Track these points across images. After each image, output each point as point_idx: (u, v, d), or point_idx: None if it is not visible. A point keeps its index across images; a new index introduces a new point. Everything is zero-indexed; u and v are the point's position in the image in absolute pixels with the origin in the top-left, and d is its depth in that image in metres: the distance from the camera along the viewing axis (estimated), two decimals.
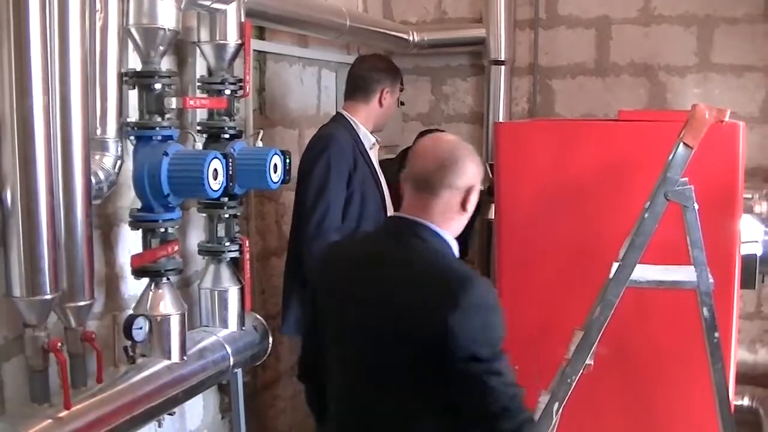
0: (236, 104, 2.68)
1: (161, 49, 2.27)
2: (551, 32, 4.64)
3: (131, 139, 2.27)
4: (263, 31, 3.32)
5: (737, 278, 2.86)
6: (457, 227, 1.90)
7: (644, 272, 2.56)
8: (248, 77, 2.66)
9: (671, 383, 2.90)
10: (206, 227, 2.71)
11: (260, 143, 2.69)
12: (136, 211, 2.30)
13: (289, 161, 2.61)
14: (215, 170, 2.25)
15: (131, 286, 2.42)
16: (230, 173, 2.32)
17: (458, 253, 1.90)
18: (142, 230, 2.31)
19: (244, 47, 2.63)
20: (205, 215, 2.68)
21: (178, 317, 2.33)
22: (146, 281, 2.32)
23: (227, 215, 2.63)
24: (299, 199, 2.95)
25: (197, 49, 2.64)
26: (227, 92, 2.61)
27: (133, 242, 2.38)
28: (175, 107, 2.30)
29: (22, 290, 1.80)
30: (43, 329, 1.87)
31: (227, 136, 2.60)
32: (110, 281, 2.40)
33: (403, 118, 4.77)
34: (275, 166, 2.54)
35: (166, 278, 2.32)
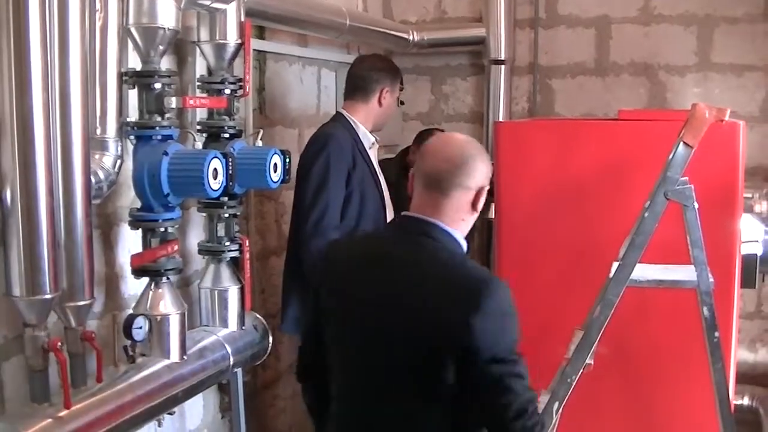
0: (236, 104, 2.68)
1: (161, 48, 2.27)
2: (551, 32, 4.64)
3: (131, 138, 2.27)
4: (263, 30, 3.32)
5: (737, 278, 2.86)
6: (466, 227, 1.89)
7: (644, 271, 2.56)
8: (248, 77, 2.65)
9: (671, 383, 2.90)
10: (206, 227, 2.71)
11: (260, 143, 2.68)
12: (135, 210, 2.30)
13: (288, 161, 2.61)
14: (215, 170, 2.25)
15: (131, 285, 2.42)
16: (230, 173, 2.32)
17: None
18: (141, 230, 2.31)
19: (243, 47, 2.63)
20: (204, 215, 2.68)
21: (177, 317, 2.33)
22: (146, 281, 2.32)
23: (227, 215, 2.63)
24: (298, 197, 2.95)
25: (197, 48, 2.64)
26: (227, 92, 2.61)
27: (132, 242, 2.38)
28: (174, 107, 2.29)
29: (21, 290, 1.79)
30: (43, 329, 1.87)
31: (227, 135, 2.60)
32: (110, 281, 2.40)
33: (403, 117, 4.78)
34: (275, 165, 2.54)
35: (165, 278, 2.32)
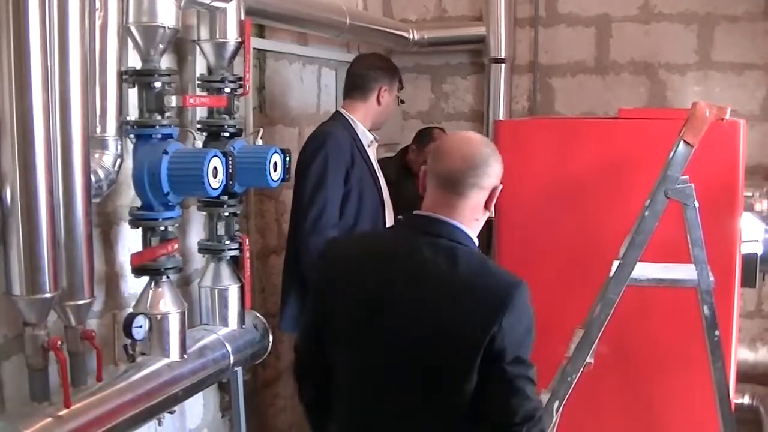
0: (236, 102, 2.68)
1: (161, 47, 2.27)
2: (551, 30, 4.64)
3: (131, 137, 2.27)
4: (263, 29, 3.32)
5: (738, 276, 2.86)
6: (478, 227, 1.87)
7: (645, 270, 2.56)
8: (248, 75, 2.65)
9: (672, 381, 2.89)
10: (206, 225, 2.71)
11: (260, 141, 2.68)
12: (135, 209, 2.30)
13: (288, 160, 2.61)
14: (215, 168, 2.25)
15: (131, 284, 2.42)
16: (230, 171, 2.32)
17: None
18: (141, 228, 2.31)
19: (243, 45, 2.63)
20: (205, 213, 2.68)
21: (178, 315, 2.32)
22: (146, 280, 2.32)
23: (227, 213, 2.63)
24: (296, 195, 2.95)
25: (197, 47, 2.64)
26: (227, 90, 2.60)
27: (132, 241, 2.38)
28: (174, 105, 2.29)
29: (21, 289, 1.79)
30: (43, 328, 1.87)
31: (227, 134, 2.60)
32: (110, 280, 2.40)
33: (403, 116, 4.78)
34: (275, 164, 2.54)
35: (165, 276, 2.32)
